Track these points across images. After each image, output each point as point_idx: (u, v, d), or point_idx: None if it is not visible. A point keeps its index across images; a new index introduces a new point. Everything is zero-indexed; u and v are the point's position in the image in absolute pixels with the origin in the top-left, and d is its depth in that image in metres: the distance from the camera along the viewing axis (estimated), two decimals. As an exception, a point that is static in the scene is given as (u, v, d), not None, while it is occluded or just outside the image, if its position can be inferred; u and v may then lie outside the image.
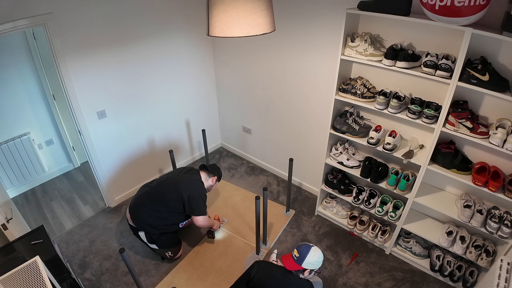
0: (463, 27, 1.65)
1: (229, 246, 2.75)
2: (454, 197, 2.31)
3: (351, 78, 2.43)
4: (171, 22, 2.97)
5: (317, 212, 3.08)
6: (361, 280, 2.47)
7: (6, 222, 2.12)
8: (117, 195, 3.24)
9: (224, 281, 2.46)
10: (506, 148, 1.76)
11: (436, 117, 1.99)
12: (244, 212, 3.10)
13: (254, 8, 1.34)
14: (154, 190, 2.49)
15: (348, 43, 2.18)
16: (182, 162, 3.77)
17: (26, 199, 3.39)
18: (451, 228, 2.32)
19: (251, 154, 3.86)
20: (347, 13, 2.04)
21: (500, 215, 2.01)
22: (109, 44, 2.61)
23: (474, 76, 1.75)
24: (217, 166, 2.75)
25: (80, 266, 2.59)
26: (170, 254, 2.55)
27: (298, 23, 2.59)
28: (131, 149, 3.18)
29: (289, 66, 2.86)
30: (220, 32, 1.39)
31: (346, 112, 2.50)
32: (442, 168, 2.11)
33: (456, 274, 2.28)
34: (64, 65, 2.40)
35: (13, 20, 2.05)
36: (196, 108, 3.65)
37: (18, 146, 3.22)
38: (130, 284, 2.45)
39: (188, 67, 3.34)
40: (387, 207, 2.53)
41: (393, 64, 2.02)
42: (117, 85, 2.81)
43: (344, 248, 2.73)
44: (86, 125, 2.72)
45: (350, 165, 2.57)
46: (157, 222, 2.42)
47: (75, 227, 2.99)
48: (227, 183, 3.50)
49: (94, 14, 2.43)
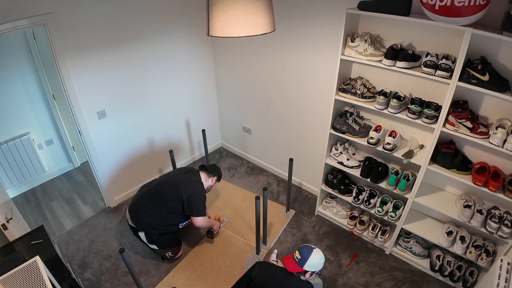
0: (463, 27, 1.65)
1: (229, 246, 2.75)
2: (454, 197, 2.31)
3: (351, 78, 2.43)
4: (171, 22, 2.97)
5: (317, 212, 3.08)
6: (361, 280, 2.47)
7: (6, 222, 2.12)
8: (117, 195, 3.24)
9: (224, 281, 2.46)
10: (506, 148, 1.76)
11: (436, 117, 1.99)
12: (244, 212, 3.10)
13: (254, 8, 1.34)
14: (154, 191, 2.49)
15: (348, 43, 2.18)
16: (182, 162, 3.77)
17: (26, 199, 3.39)
18: (451, 228, 2.32)
19: (251, 154, 3.86)
20: (347, 13, 2.04)
21: (500, 215, 2.01)
22: (109, 44, 2.61)
23: (474, 76, 1.75)
24: (217, 166, 2.75)
25: (80, 266, 2.59)
26: (170, 255, 2.55)
27: (298, 23, 2.59)
28: (131, 149, 3.18)
29: (289, 66, 2.86)
30: (220, 32, 1.39)
31: (346, 112, 2.50)
32: (442, 168, 2.11)
33: (456, 274, 2.28)
34: (64, 65, 2.40)
35: (13, 20, 2.05)
36: (196, 108, 3.65)
37: (18, 146, 3.22)
38: (130, 284, 2.45)
39: (188, 67, 3.34)
40: (387, 207, 2.53)
41: (393, 64, 2.02)
42: (117, 85, 2.81)
43: (344, 248, 2.73)
44: (86, 125, 2.72)
45: (350, 165, 2.57)
46: (157, 222, 2.42)
47: (75, 227, 2.99)
48: (227, 183, 3.50)
49: (94, 14, 2.43)
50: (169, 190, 2.46)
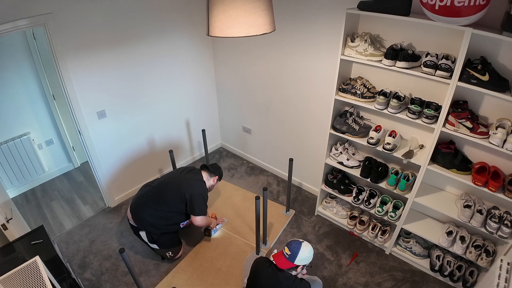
0: (463, 27, 1.65)
1: (229, 246, 2.75)
2: (454, 197, 2.31)
3: (351, 78, 2.43)
4: (171, 22, 2.97)
5: (317, 212, 3.08)
6: (361, 280, 2.47)
7: (6, 222, 2.12)
8: (117, 195, 3.24)
9: (224, 281, 2.46)
10: (506, 148, 1.76)
11: (436, 117, 1.99)
12: (244, 212, 3.10)
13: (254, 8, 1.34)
14: (156, 190, 2.49)
15: (348, 43, 2.18)
16: (182, 162, 3.77)
17: (26, 199, 3.39)
18: (451, 228, 2.32)
19: (251, 154, 3.86)
20: (347, 13, 2.04)
21: (500, 215, 2.01)
22: (109, 44, 2.61)
23: (474, 76, 1.75)
24: (218, 166, 2.76)
25: (80, 266, 2.59)
26: (171, 254, 2.55)
27: (298, 23, 2.59)
28: (131, 149, 3.18)
29: (289, 66, 2.86)
30: (220, 32, 1.39)
31: (346, 112, 2.50)
32: (442, 168, 2.11)
33: (456, 274, 2.28)
34: (64, 65, 2.40)
35: (13, 20, 2.05)
36: (196, 108, 3.65)
37: (18, 146, 3.22)
38: (130, 284, 2.45)
39: (188, 67, 3.34)
40: (387, 207, 2.53)
41: (393, 64, 2.02)
42: (117, 85, 2.81)
43: (344, 248, 2.73)
44: (86, 125, 2.72)
45: (350, 165, 2.58)
46: (159, 222, 2.42)
47: (75, 227, 2.99)
48: (227, 183, 3.50)
49: (94, 14, 2.43)
50: (171, 189, 2.46)
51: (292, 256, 1.80)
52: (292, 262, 1.80)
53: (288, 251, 1.82)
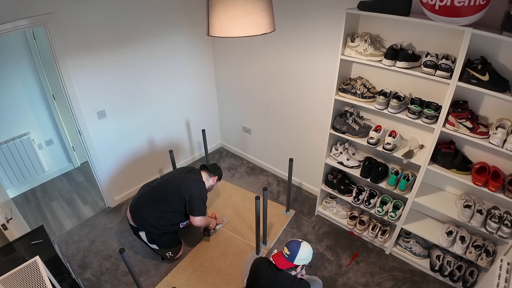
0: (463, 27, 1.65)
1: (229, 246, 2.75)
2: (454, 197, 2.31)
3: (351, 78, 2.43)
4: (171, 22, 2.97)
5: (317, 212, 3.08)
6: (361, 280, 2.47)
7: (6, 222, 2.12)
8: (117, 195, 3.24)
9: (224, 281, 2.46)
10: (506, 148, 1.76)
11: (436, 117, 1.99)
12: (244, 212, 3.10)
13: (254, 8, 1.34)
14: (155, 190, 2.49)
15: (348, 43, 2.18)
16: (182, 162, 3.77)
17: (26, 199, 3.39)
18: (451, 228, 2.32)
19: (251, 154, 3.86)
20: (347, 13, 2.04)
21: (500, 215, 2.01)
22: (109, 44, 2.61)
23: (474, 76, 1.75)
24: (218, 166, 2.76)
25: (80, 266, 2.59)
26: (171, 254, 2.55)
27: (298, 23, 2.59)
28: (131, 149, 3.18)
29: (289, 66, 2.86)
30: (220, 32, 1.39)
31: (346, 112, 2.50)
32: (442, 168, 2.11)
33: (456, 274, 2.28)
34: (64, 65, 2.40)
35: (13, 20, 2.05)
36: (196, 108, 3.65)
37: (18, 146, 3.22)
38: (130, 284, 2.45)
39: (188, 67, 3.34)
40: (387, 207, 2.53)
41: (393, 64, 2.02)
42: (117, 85, 2.81)
43: (344, 248, 2.73)
44: (86, 125, 2.72)
45: (350, 165, 2.57)
46: (158, 222, 2.42)
47: (75, 227, 2.99)
48: (227, 183, 3.50)
49: (94, 14, 2.43)
50: (171, 189, 2.46)
51: (292, 256, 1.80)
52: (291, 262, 1.80)
53: (287, 251, 1.82)
